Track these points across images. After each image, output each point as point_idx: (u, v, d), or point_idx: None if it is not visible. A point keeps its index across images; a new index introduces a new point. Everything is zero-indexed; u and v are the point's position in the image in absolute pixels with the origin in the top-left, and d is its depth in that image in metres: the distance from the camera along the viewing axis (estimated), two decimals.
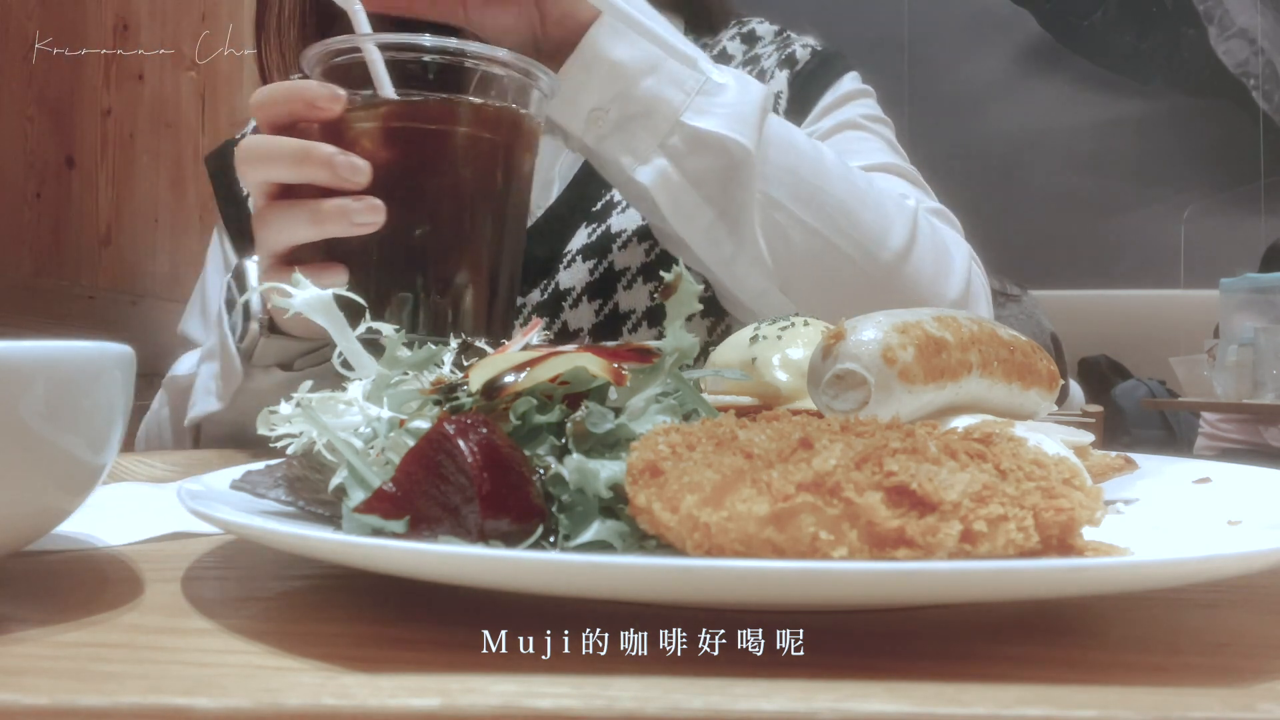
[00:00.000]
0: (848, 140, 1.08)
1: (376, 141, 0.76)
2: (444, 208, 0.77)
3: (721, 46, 1.17)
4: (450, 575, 0.32)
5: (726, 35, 1.20)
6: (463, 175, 0.78)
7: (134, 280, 2.13)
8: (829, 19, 4.45)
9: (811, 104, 1.11)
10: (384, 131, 0.76)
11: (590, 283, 1.04)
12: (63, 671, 0.30)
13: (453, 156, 0.77)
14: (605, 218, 1.06)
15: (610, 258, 1.04)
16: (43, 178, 1.86)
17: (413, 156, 0.76)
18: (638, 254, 1.04)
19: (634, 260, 1.04)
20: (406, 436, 0.43)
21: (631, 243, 1.04)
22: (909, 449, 0.34)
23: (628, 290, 1.04)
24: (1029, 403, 0.54)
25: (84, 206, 1.98)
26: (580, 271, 1.04)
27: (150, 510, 0.57)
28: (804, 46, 1.16)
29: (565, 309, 1.04)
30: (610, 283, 1.03)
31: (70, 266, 1.95)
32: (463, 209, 0.78)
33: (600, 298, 1.04)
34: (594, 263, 1.04)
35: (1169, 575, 0.32)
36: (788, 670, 0.29)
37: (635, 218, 1.05)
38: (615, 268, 1.04)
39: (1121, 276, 4.50)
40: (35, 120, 1.84)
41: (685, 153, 0.86)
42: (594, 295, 1.04)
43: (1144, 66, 4.75)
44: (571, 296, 1.04)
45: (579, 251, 1.05)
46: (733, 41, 1.18)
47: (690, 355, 0.45)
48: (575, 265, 1.04)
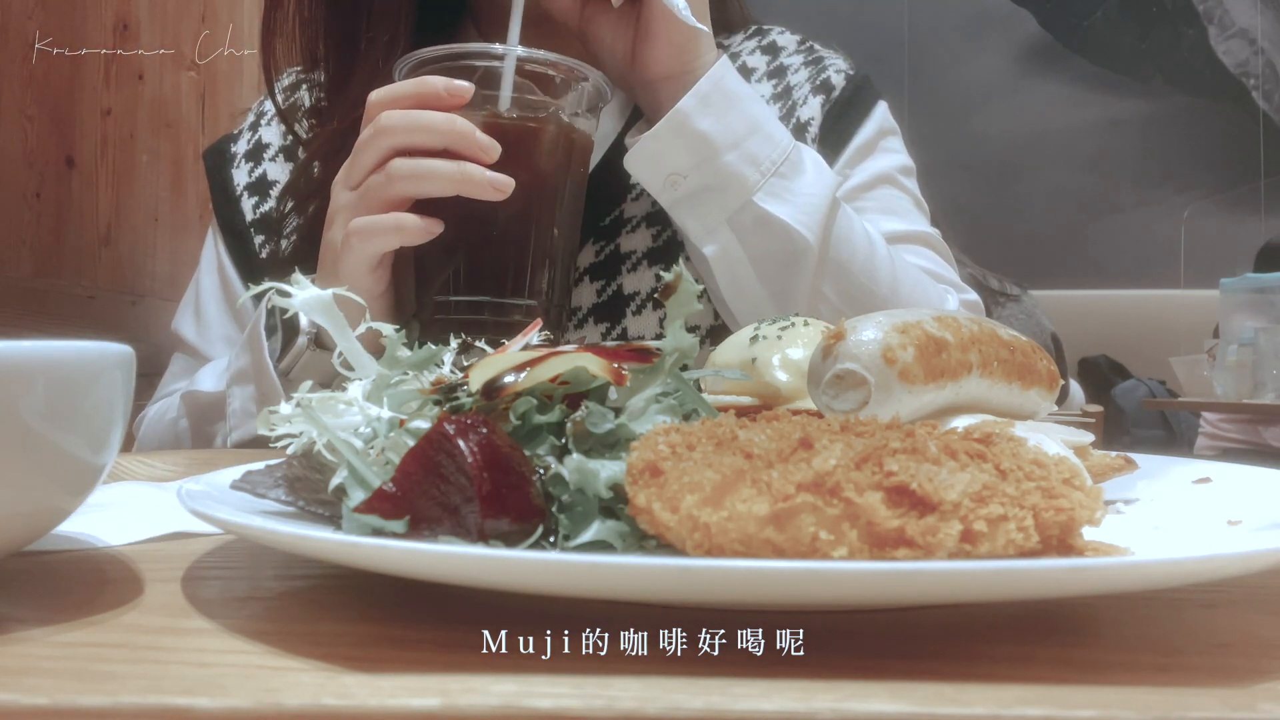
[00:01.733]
0: (883, 199, 1.10)
1: (494, 134, 0.84)
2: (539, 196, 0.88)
3: (742, 61, 1.15)
4: (450, 575, 0.32)
5: (747, 48, 1.18)
6: (555, 170, 0.89)
7: (134, 280, 2.13)
8: (829, 19, 4.45)
9: (845, 138, 1.10)
10: (500, 127, 0.85)
11: (597, 304, 1.03)
12: (63, 671, 0.30)
13: (548, 153, 0.88)
14: (614, 236, 1.05)
15: (619, 280, 1.03)
16: (43, 178, 1.86)
17: (520, 150, 0.86)
18: (647, 278, 1.03)
19: (643, 285, 1.03)
20: (406, 436, 0.43)
21: (641, 265, 1.04)
22: (909, 449, 0.34)
23: (636, 316, 1.03)
24: (1029, 403, 0.54)
25: (84, 206, 1.98)
26: (587, 293, 1.03)
27: (150, 510, 0.57)
28: (837, 72, 1.14)
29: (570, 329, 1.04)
30: (619, 307, 1.03)
31: (70, 266, 1.95)
32: (550, 197, 0.89)
33: (608, 321, 1.04)
34: (601, 284, 1.04)
35: (1169, 575, 0.32)
36: (788, 670, 0.29)
37: (645, 239, 1.04)
38: (624, 291, 1.03)
39: (1121, 276, 4.50)
40: (35, 120, 1.84)
41: (751, 231, 0.91)
42: (600, 319, 1.03)
43: (1144, 66, 4.74)
44: (577, 317, 1.04)
45: (586, 270, 1.04)
46: (754, 55, 1.16)
47: (690, 355, 0.45)
48: (584, 285, 1.04)
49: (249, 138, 1.17)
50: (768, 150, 0.91)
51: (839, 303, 0.94)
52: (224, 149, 1.18)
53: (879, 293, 0.95)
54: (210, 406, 1.00)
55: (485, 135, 0.82)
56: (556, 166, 0.89)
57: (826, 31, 1.22)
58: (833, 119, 1.10)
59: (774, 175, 0.91)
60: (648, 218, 1.04)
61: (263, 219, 1.11)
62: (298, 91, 1.13)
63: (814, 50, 1.18)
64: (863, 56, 1.20)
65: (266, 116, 1.18)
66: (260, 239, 1.10)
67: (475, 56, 0.87)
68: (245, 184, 1.13)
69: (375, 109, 0.84)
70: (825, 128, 1.09)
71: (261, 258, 1.09)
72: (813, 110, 1.10)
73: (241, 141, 1.17)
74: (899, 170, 1.13)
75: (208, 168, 1.17)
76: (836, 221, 0.93)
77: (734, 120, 0.90)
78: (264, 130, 1.17)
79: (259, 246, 1.10)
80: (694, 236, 0.94)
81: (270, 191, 1.12)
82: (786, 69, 1.15)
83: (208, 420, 1.01)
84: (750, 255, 0.92)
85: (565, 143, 0.89)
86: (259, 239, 1.10)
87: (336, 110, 1.03)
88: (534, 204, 0.87)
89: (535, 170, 0.87)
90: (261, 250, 1.09)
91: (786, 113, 1.10)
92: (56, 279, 1.91)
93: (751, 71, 1.14)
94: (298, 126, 1.09)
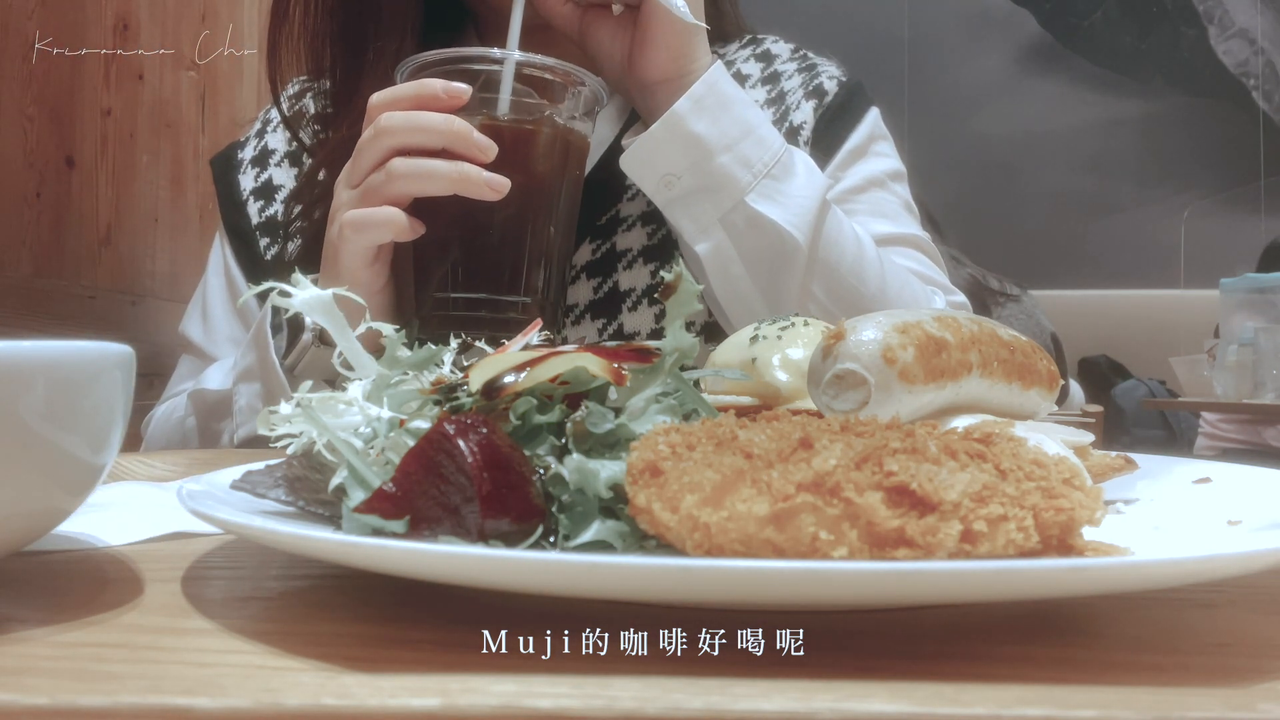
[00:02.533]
0: (873, 202, 1.11)
1: (491, 135, 0.85)
2: (535, 196, 0.89)
3: (737, 68, 1.16)
4: (450, 575, 0.32)
5: (741, 55, 1.19)
6: (550, 171, 0.90)
7: (134, 280, 2.12)
8: (829, 19, 4.45)
9: (837, 142, 1.12)
10: (497, 128, 0.86)
11: (594, 300, 1.04)
12: (63, 671, 0.30)
13: (544, 155, 0.89)
14: (610, 235, 1.06)
15: (615, 277, 1.05)
16: (43, 178, 1.86)
17: (517, 151, 0.87)
18: (642, 275, 1.04)
19: (638, 282, 1.04)
20: (406, 436, 0.43)
21: (637, 263, 1.05)
22: (909, 449, 0.34)
23: (632, 312, 1.04)
24: (1029, 403, 0.54)
25: (84, 206, 1.98)
26: (584, 289, 1.05)
27: (150, 510, 0.57)
28: (830, 78, 1.15)
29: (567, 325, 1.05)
30: (615, 303, 1.04)
31: (70, 266, 1.95)
32: (548, 198, 0.90)
33: (604, 317, 1.04)
34: (598, 281, 1.05)
35: (1169, 575, 0.32)
36: (788, 670, 0.29)
37: (641, 237, 1.05)
38: (620, 287, 1.04)
39: (1121, 276, 4.50)
40: (35, 120, 1.84)
41: (743, 231, 0.93)
42: (596, 314, 1.04)
43: (1144, 66, 4.74)
44: (574, 314, 1.05)
45: (583, 268, 1.05)
46: (748, 63, 1.18)
47: (690, 355, 0.45)
48: (580, 282, 1.05)
49: (255, 144, 1.19)
50: (760, 153, 0.93)
51: (827, 302, 0.95)
52: (231, 155, 1.20)
53: (866, 293, 0.97)
54: (217, 404, 1.01)
55: (482, 135, 0.83)
56: (552, 168, 0.90)
57: (826, 31, 1.22)
58: (825, 124, 1.12)
59: (766, 177, 0.92)
60: (643, 217, 1.06)
61: (268, 223, 1.12)
62: (303, 99, 1.14)
63: (807, 58, 1.20)
64: (863, 56, 1.22)
65: (273, 124, 1.19)
66: (265, 242, 1.12)
67: (475, 60, 0.88)
68: (251, 189, 1.15)
69: (376, 110, 0.86)
70: (818, 131, 1.11)
71: (267, 260, 1.10)
72: (805, 114, 1.11)
73: (248, 148, 1.19)
74: (889, 175, 1.15)
75: (215, 174, 1.19)
76: (826, 223, 0.95)
77: (727, 123, 0.92)
78: (270, 137, 1.19)
79: (264, 249, 1.11)
80: (687, 235, 0.95)
81: (276, 196, 1.13)
82: (780, 75, 1.16)
83: (215, 418, 1.02)
84: (741, 254, 0.94)
85: (561, 145, 0.90)
86: (264, 241, 1.12)
87: (343, 118, 1.04)
88: (530, 204, 0.88)
89: (531, 171, 0.88)
90: (267, 253, 1.11)
91: (780, 118, 1.11)
92: (56, 279, 1.91)
93: (746, 78, 1.16)
94: (303, 133, 1.10)
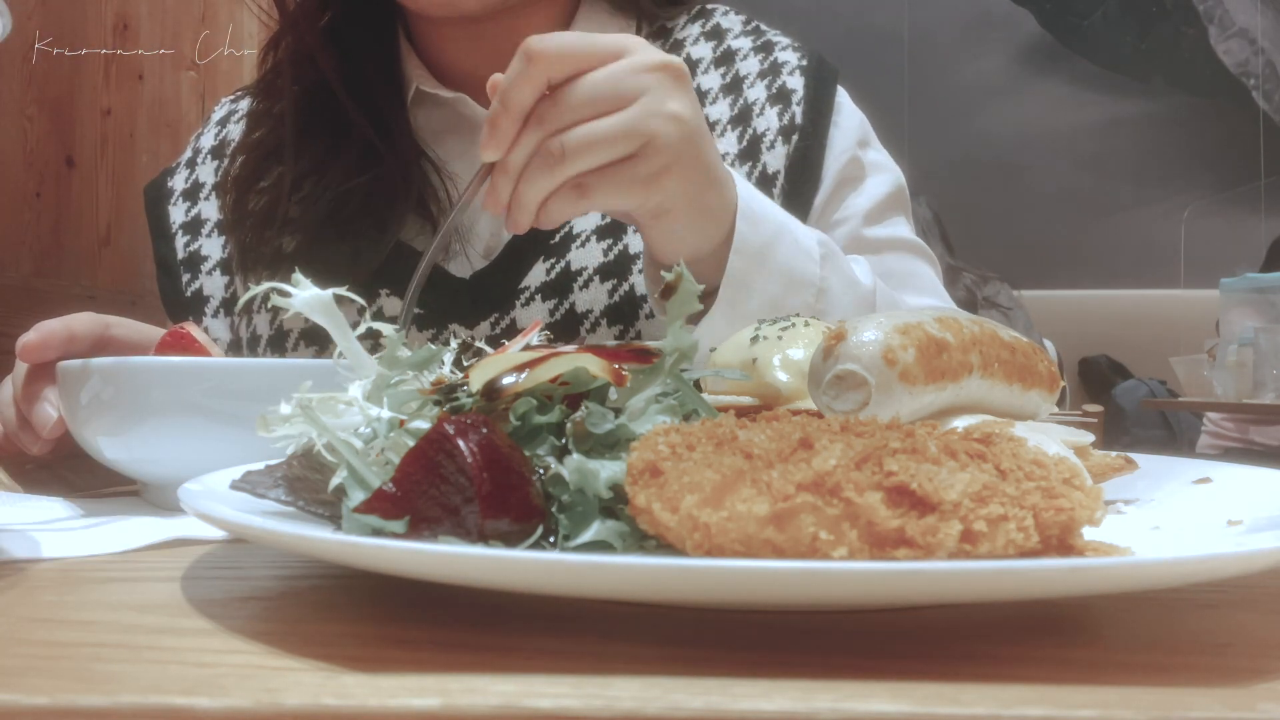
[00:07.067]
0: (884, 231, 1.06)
1: None
2: None
3: (687, 52, 1.09)
4: (450, 575, 0.32)
5: (691, 34, 1.11)
6: None
7: (134, 280, 2.12)
8: (830, 18, 4.45)
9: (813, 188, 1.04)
10: None
11: (551, 324, 0.98)
12: (63, 671, 0.30)
13: None
14: (564, 253, 1.00)
15: (571, 298, 0.99)
16: (43, 178, 1.86)
17: None
18: (600, 294, 0.98)
19: (597, 302, 0.98)
20: (406, 436, 0.43)
21: (593, 281, 0.98)
22: (909, 449, 0.34)
23: (584, 290, 0.98)
24: (1030, 404, 0.54)
25: (84, 206, 1.98)
26: (599, 293, 0.98)
27: (147, 520, 0.57)
28: (791, 70, 1.06)
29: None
30: (572, 325, 0.98)
31: (70, 266, 1.95)
32: None
33: (555, 297, 0.99)
34: (554, 303, 0.99)
35: (1169, 575, 0.32)
36: (788, 670, 0.29)
37: (595, 254, 0.99)
38: (576, 309, 0.98)
39: (1121, 276, 4.50)
40: (35, 120, 1.84)
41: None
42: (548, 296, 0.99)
43: (1144, 66, 4.75)
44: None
45: (537, 289, 0.99)
46: (698, 45, 1.10)
47: (690, 355, 0.45)
48: (534, 304, 0.99)
49: (185, 175, 1.17)
50: (803, 295, 0.88)
51: None
52: (162, 184, 1.18)
53: None
54: None
55: None
56: None
57: (826, 31, 1.22)
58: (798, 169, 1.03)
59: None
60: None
61: (190, 258, 1.11)
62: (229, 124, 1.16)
63: (761, 32, 1.12)
64: (862, 56, 1.20)
65: (203, 154, 1.18)
66: (187, 278, 1.10)
67: None
68: (181, 222, 1.13)
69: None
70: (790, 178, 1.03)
71: (186, 296, 1.09)
72: (772, 129, 1.03)
73: (178, 177, 1.17)
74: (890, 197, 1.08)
75: (146, 202, 1.17)
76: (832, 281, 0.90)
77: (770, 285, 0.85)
78: (200, 169, 1.17)
79: (185, 285, 1.10)
80: None
81: (201, 231, 1.12)
82: (734, 54, 1.09)
83: None
84: None
85: None
86: (185, 277, 1.10)
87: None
88: None
89: None
90: (187, 289, 1.09)
91: (740, 114, 1.04)
92: (56, 279, 1.91)
93: (697, 63, 1.08)
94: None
